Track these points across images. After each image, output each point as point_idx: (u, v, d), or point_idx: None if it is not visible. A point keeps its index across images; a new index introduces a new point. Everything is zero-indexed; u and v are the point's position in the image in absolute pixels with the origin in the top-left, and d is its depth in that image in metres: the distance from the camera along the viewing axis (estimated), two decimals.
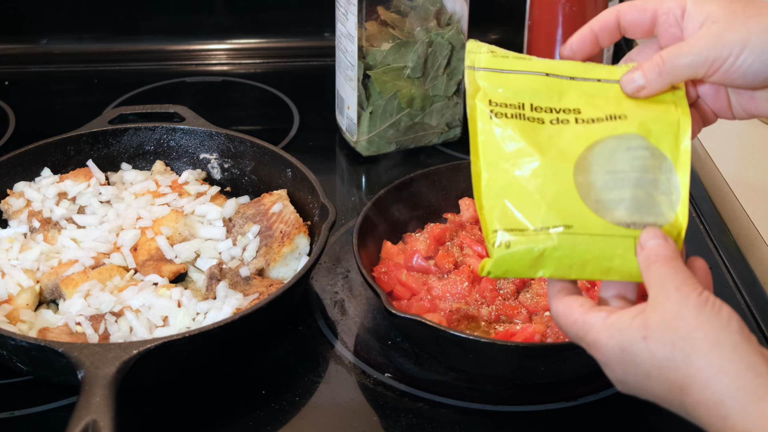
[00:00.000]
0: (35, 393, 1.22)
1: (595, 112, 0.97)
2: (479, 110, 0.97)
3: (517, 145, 0.95)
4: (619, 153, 0.95)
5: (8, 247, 1.35)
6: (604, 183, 0.94)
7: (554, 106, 0.98)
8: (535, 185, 0.94)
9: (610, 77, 1.00)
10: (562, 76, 1.00)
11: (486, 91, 0.98)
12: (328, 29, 1.96)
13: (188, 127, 1.53)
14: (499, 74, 0.99)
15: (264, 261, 1.34)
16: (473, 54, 1.01)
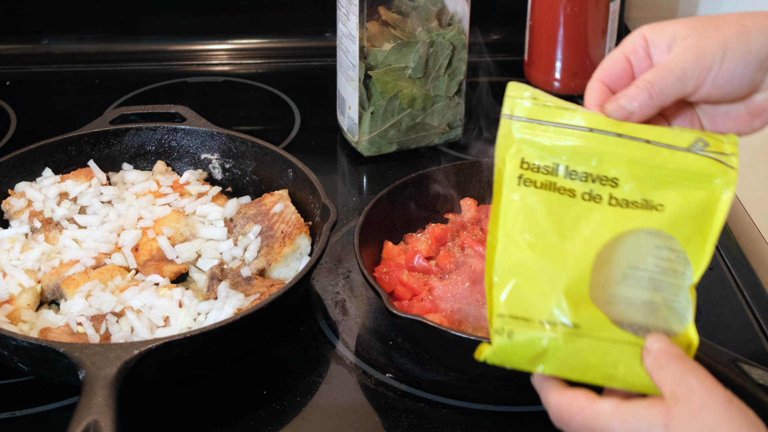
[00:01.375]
0: (36, 393, 1.22)
1: (632, 190, 0.90)
2: (508, 172, 0.91)
3: (541, 223, 0.89)
4: (646, 249, 0.89)
5: (9, 248, 1.35)
6: (623, 277, 0.89)
7: (591, 171, 0.90)
8: (549, 272, 0.88)
9: (660, 139, 0.92)
10: (608, 132, 0.92)
11: (520, 147, 0.91)
12: (330, 29, 1.96)
13: (189, 128, 1.53)
14: (538, 126, 0.92)
15: (265, 261, 1.34)
16: (513, 100, 0.93)
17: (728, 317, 1.34)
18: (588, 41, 1.80)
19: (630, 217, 0.89)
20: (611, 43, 1.82)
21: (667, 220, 0.89)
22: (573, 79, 1.83)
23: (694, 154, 0.91)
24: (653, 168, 0.90)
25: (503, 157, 0.91)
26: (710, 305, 1.35)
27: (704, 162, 0.91)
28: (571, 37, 1.79)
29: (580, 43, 1.80)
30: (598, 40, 1.80)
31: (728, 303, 1.36)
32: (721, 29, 0.95)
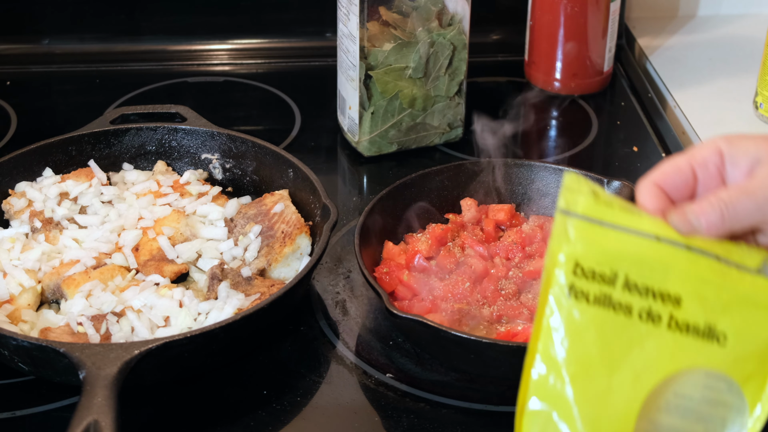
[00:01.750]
0: (37, 393, 1.22)
1: (696, 313, 0.80)
2: (556, 280, 0.80)
3: (589, 350, 0.79)
4: (696, 379, 0.81)
5: (10, 247, 1.35)
6: (666, 404, 0.81)
7: (653, 286, 0.80)
8: (590, 412, 0.79)
9: (729, 257, 0.82)
10: (677, 243, 0.81)
11: (575, 249, 0.80)
12: (330, 29, 1.96)
13: (190, 128, 1.53)
14: (599, 228, 0.81)
15: (265, 261, 1.34)
16: (571, 194, 0.82)
17: None
18: (588, 41, 1.80)
19: (689, 349, 0.80)
20: (611, 43, 1.82)
21: (728, 358, 0.80)
22: (573, 79, 1.83)
23: (764, 278, 0.83)
24: (721, 289, 0.81)
25: (555, 259, 0.81)
26: None
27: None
28: (572, 38, 1.79)
29: (581, 43, 1.80)
30: (599, 41, 1.80)
31: None
32: None
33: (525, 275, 1.31)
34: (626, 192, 1.38)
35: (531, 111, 1.81)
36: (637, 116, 1.81)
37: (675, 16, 2.11)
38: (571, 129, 1.80)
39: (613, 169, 1.66)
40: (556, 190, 1.45)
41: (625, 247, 0.80)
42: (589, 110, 1.83)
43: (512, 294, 1.29)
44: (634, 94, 1.88)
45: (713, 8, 2.11)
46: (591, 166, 1.67)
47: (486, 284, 1.29)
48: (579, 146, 1.72)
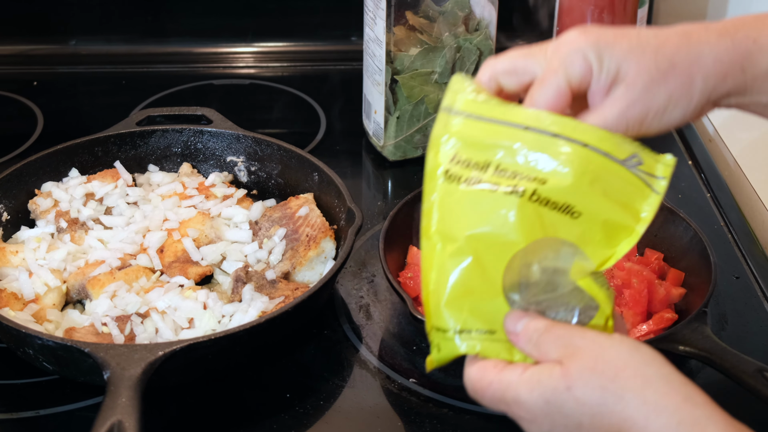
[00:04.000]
0: (61, 392, 1.22)
1: (557, 191, 0.88)
2: (435, 167, 0.91)
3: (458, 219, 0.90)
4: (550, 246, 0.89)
5: (36, 247, 1.36)
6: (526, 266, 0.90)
7: (521, 170, 0.89)
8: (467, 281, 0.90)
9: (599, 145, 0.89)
10: (546, 131, 0.90)
11: (454, 141, 0.91)
12: (356, 33, 1.96)
13: (215, 130, 1.54)
14: (476, 122, 0.91)
15: (290, 264, 1.34)
16: (454, 94, 0.93)
17: (754, 327, 1.33)
18: None
19: (546, 220, 0.89)
20: None
21: (577, 230, 0.89)
22: None
23: (626, 170, 0.90)
24: (583, 173, 0.88)
25: (436, 151, 0.91)
26: (737, 314, 1.34)
27: (633, 182, 0.90)
28: None
29: None
30: None
31: (755, 312, 1.35)
32: (668, 79, 0.92)
33: None
34: None
35: None
36: None
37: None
38: None
39: None
40: None
41: (499, 138, 0.90)
42: None
43: None
44: None
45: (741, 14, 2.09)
46: None
47: None
48: None
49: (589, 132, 0.89)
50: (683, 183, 1.62)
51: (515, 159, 0.89)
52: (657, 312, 1.27)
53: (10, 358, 1.25)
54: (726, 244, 1.48)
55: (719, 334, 1.29)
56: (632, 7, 1.76)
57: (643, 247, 1.37)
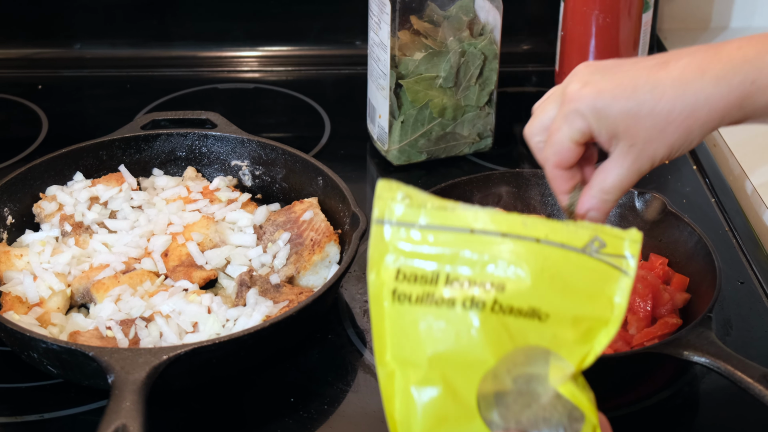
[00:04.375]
0: (65, 396, 1.22)
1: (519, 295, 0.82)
2: (385, 288, 0.83)
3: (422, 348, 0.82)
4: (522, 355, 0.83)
5: (40, 251, 1.36)
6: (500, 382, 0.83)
7: (474, 277, 0.82)
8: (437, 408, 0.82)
9: (552, 237, 0.84)
10: (492, 232, 0.83)
11: (395, 255, 0.83)
12: (360, 38, 1.96)
13: (220, 134, 1.54)
14: (416, 231, 0.84)
15: (294, 269, 1.34)
16: (384, 202, 0.84)
17: (759, 332, 1.33)
18: (620, 52, 1.79)
19: (513, 329, 0.82)
20: (643, 53, 1.81)
21: (548, 333, 0.83)
22: None
23: (588, 257, 0.84)
24: (542, 271, 0.82)
25: (378, 270, 0.83)
26: (741, 319, 1.34)
27: (598, 269, 0.84)
28: (603, 48, 1.78)
29: (612, 54, 1.79)
30: (630, 52, 1.79)
31: (759, 317, 1.35)
32: (666, 135, 0.99)
33: None
34: (657, 204, 1.37)
35: None
36: None
37: (707, 27, 2.10)
38: None
39: (644, 181, 1.63)
40: None
41: (443, 246, 0.83)
42: None
43: None
44: None
45: (746, 20, 2.10)
46: None
47: None
48: None
49: (539, 226, 0.84)
50: (688, 188, 1.62)
51: (466, 267, 0.83)
52: (661, 317, 1.27)
53: (14, 362, 1.25)
54: (731, 249, 1.48)
55: (724, 340, 1.29)
56: (637, 11, 1.76)
57: (648, 252, 1.37)
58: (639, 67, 1.00)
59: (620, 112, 0.99)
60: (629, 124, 0.99)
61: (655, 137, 0.99)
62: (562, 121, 1.02)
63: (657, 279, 1.30)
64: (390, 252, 0.83)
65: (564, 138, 1.02)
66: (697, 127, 0.98)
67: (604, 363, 1.16)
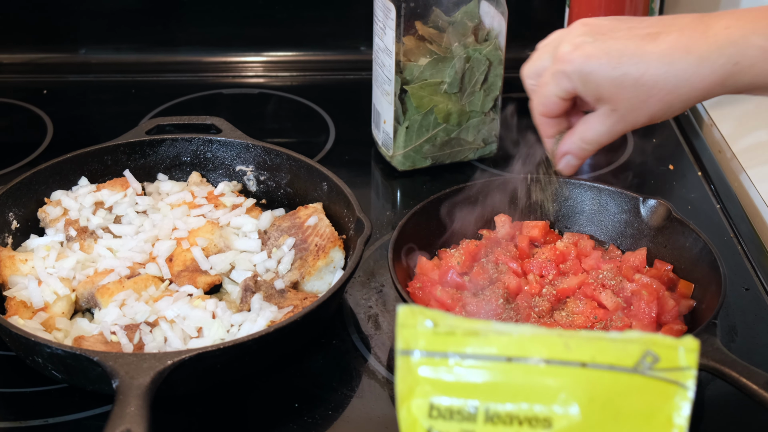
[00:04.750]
0: (69, 401, 1.22)
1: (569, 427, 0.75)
2: (418, 426, 0.75)
3: None
4: None
5: (45, 255, 1.36)
6: None
7: (517, 412, 0.74)
8: None
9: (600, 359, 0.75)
10: (532, 359, 0.75)
11: (425, 389, 0.75)
12: (365, 43, 1.96)
13: (225, 139, 1.54)
14: (445, 360, 0.75)
15: (299, 274, 1.34)
16: (408, 330, 0.76)
17: (764, 338, 1.32)
18: None
19: None
20: None
21: None
22: None
23: (641, 376, 0.76)
24: (592, 401, 0.75)
25: (408, 406, 0.76)
26: (746, 326, 1.34)
27: (654, 388, 0.75)
28: None
29: None
30: None
31: (764, 324, 1.35)
32: (648, 105, 1.04)
33: (559, 293, 1.30)
34: (662, 210, 1.37)
35: None
36: (673, 134, 1.80)
37: None
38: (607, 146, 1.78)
39: (649, 187, 1.65)
40: (591, 208, 1.45)
41: (479, 376, 0.75)
42: None
43: (546, 311, 1.28)
44: None
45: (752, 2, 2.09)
46: (626, 183, 1.66)
47: (519, 301, 1.29)
48: (614, 164, 1.72)
49: (583, 347, 0.75)
50: (693, 194, 1.62)
51: (506, 401, 0.75)
52: (666, 323, 1.27)
53: (19, 367, 1.25)
54: (736, 256, 1.48)
55: (729, 346, 1.29)
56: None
57: (653, 259, 1.37)
58: (630, 35, 1.04)
59: (605, 78, 1.04)
60: (613, 92, 1.05)
61: (637, 107, 1.05)
62: (551, 78, 1.09)
63: (662, 285, 1.30)
64: (420, 385, 0.76)
65: (550, 93, 1.10)
66: (678, 102, 1.04)
67: None
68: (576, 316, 1.27)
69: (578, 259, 1.37)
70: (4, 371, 1.27)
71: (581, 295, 1.30)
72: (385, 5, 1.56)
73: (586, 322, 1.26)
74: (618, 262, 1.36)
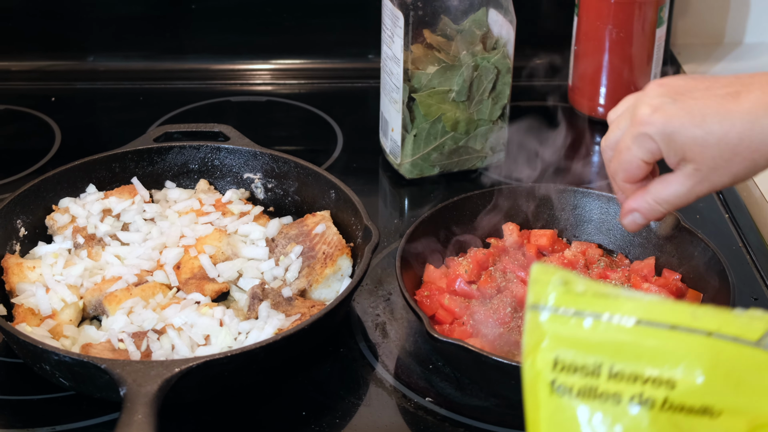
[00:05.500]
0: (77, 408, 1.22)
1: (692, 393, 0.76)
2: (538, 378, 0.78)
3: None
4: None
5: (53, 263, 1.36)
6: None
7: (642, 372, 0.76)
8: None
9: (724, 329, 0.77)
10: (660, 324, 0.77)
11: (552, 344, 0.78)
12: (372, 51, 1.96)
13: (233, 147, 1.54)
14: (574, 319, 0.78)
15: (306, 282, 1.34)
16: (540, 286, 0.79)
17: None
18: (633, 67, 1.79)
19: (682, 426, 0.76)
20: (656, 69, 1.81)
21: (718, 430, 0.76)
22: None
23: (763, 351, 0.77)
24: (714, 369, 0.76)
25: (534, 358, 0.78)
26: None
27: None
28: (617, 63, 1.78)
29: (626, 69, 1.79)
30: (644, 66, 1.79)
31: None
32: (731, 165, 1.02)
33: None
34: (670, 219, 1.37)
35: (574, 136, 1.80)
36: None
37: (721, 42, 2.10)
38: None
39: None
40: (599, 216, 1.44)
41: (605, 336, 0.77)
42: None
43: None
44: None
45: (760, 35, 2.09)
46: None
47: None
48: None
49: (710, 318, 0.78)
50: (701, 203, 1.62)
51: (632, 361, 0.77)
52: None
53: (26, 374, 1.25)
54: (744, 265, 1.47)
55: None
56: (650, 26, 1.76)
57: (661, 268, 1.37)
58: (710, 94, 1.02)
59: (689, 138, 1.02)
60: (697, 151, 1.02)
61: (721, 166, 1.02)
62: (632, 142, 1.06)
63: (670, 295, 1.30)
64: (546, 339, 0.78)
65: (633, 157, 1.07)
66: (763, 160, 1.01)
67: None
68: None
69: (586, 268, 1.37)
70: (12, 378, 1.27)
71: None
72: (393, 13, 1.56)
73: None
74: (626, 272, 1.36)
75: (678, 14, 2.02)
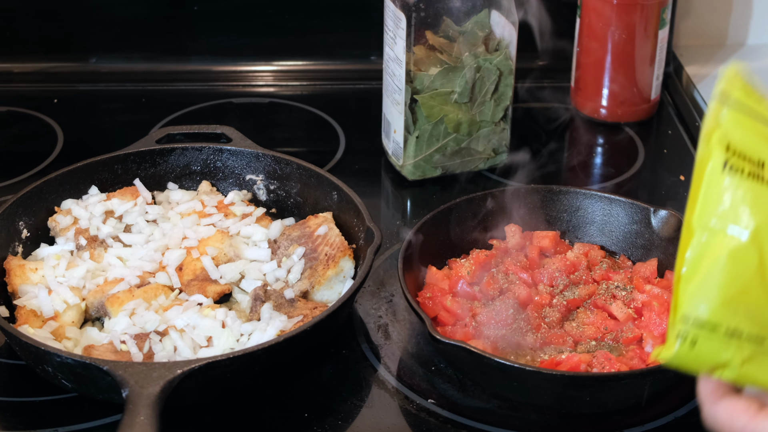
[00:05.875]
0: (79, 410, 1.22)
1: None
2: (712, 156, 0.84)
3: (747, 218, 0.83)
4: None
5: (55, 264, 1.36)
6: None
7: None
8: (746, 276, 0.82)
9: None
10: None
11: (728, 133, 0.84)
12: (375, 52, 1.96)
13: (235, 148, 1.54)
14: (748, 119, 0.86)
15: (309, 283, 1.34)
16: (728, 84, 0.88)
17: None
18: (636, 68, 1.79)
19: None
20: (659, 70, 1.81)
21: None
22: (620, 106, 1.82)
23: None
24: None
25: (708, 141, 0.85)
26: None
27: None
28: (619, 65, 1.78)
29: (628, 71, 1.79)
30: (646, 68, 1.79)
31: None
32: None
33: (569, 303, 1.30)
34: (673, 221, 1.37)
35: (577, 138, 1.80)
36: (684, 145, 1.80)
37: (724, 44, 2.09)
38: (617, 156, 1.79)
39: (660, 198, 1.65)
40: (601, 218, 1.44)
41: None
42: (635, 138, 1.82)
43: (556, 322, 1.28)
44: (681, 122, 1.87)
45: (763, 37, 2.09)
46: (637, 194, 1.66)
47: (530, 311, 1.28)
48: (625, 174, 1.71)
49: None
50: None
51: None
52: None
53: (28, 376, 1.26)
54: None
55: None
56: (653, 28, 1.76)
57: (664, 270, 1.37)
58: None
59: None
60: None
61: None
62: None
63: None
64: (723, 127, 0.85)
65: None
66: None
67: (621, 380, 1.15)
68: (586, 326, 1.27)
69: (589, 269, 1.36)
70: (14, 380, 1.27)
71: (592, 306, 1.30)
72: (395, 15, 1.56)
73: (597, 333, 1.26)
74: (629, 273, 1.36)
75: (681, 16, 2.02)
